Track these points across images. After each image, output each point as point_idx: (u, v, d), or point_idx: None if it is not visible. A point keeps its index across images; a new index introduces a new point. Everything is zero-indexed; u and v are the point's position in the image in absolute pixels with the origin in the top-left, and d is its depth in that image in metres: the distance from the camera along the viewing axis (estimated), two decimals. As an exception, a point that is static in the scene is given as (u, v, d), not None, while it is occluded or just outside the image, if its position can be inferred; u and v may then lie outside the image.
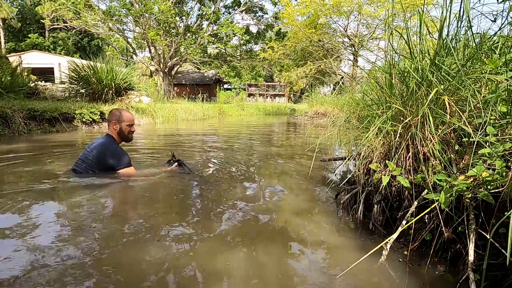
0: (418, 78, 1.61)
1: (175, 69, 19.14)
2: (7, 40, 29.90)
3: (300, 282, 1.27)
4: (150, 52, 17.79)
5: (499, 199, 1.16)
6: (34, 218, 1.79)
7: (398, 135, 1.62)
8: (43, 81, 10.27)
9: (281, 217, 1.94)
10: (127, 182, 2.55)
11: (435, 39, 1.66)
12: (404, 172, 1.59)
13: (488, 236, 1.17)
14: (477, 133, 1.26)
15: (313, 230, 1.78)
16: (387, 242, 1.40)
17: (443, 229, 1.37)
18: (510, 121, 1.25)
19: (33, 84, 8.39)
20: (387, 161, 1.65)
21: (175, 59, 17.87)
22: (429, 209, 1.32)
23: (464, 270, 1.24)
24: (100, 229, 1.67)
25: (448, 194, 1.23)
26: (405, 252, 1.49)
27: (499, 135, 1.27)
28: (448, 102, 1.41)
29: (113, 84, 8.12)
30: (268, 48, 18.02)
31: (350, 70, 18.13)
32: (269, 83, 30.57)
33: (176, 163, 2.90)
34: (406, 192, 1.61)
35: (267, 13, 19.77)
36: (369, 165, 1.78)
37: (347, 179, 2.40)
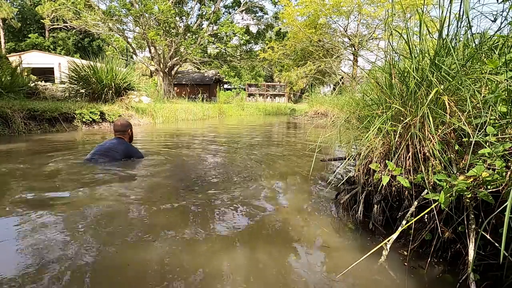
0: (418, 78, 1.61)
1: (175, 69, 19.14)
2: (7, 40, 29.89)
3: (300, 282, 1.27)
4: (150, 52, 17.79)
5: (499, 199, 1.16)
6: (34, 217, 1.79)
7: (398, 135, 1.62)
8: (43, 81, 10.26)
9: (281, 217, 1.94)
10: (129, 181, 2.56)
11: (435, 39, 1.66)
12: (404, 172, 1.59)
13: (486, 235, 1.17)
14: (477, 133, 1.26)
15: (313, 230, 1.78)
16: (387, 242, 1.40)
17: (442, 229, 1.37)
18: (510, 121, 1.25)
19: (33, 84, 8.39)
20: (387, 161, 1.65)
21: (175, 59, 17.87)
22: (429, 209, 1.32)
23: (464, 270, 1.24)
24: (99, 229, 1.67)
25: (448, 194, 1.23)
26: (405, 252, 1.49)
27: (499, 135, 1.27)
28: (448, 102, 1.41)
29: (113, 84, 8.12)
30: (268, 48, 18.01)
31: (350, 70, 18.14)
32: (269, 83, 30.54)
33: None
34: (406, 192, 1.61)
35: (267, 13, 19.78)
36: (369, 165, 1.78)
37: (347, 179, 2.40)
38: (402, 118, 1.66)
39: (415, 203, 1.47)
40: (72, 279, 1.22)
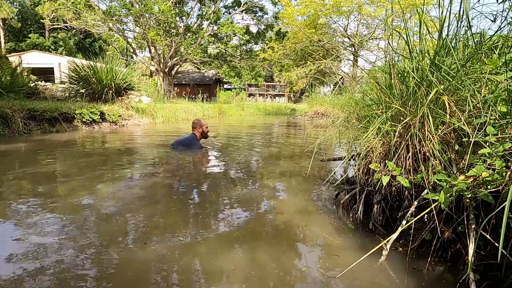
0: (418, 78, 1.61)
1: (175, 69, 19.12)
2: (7, 40, 29.86)
3: (300, 282, 1.27)
4: (150, 52, 17.78)
5: (499, 199, 1.16)
6: (35, 216, 1.79)
7: (398, 135, 1.62)
8: (43, 81, 10.25)
9: (281, 217, 1.94)
10: (128, 180, 2.56)
11: (435, 39, 1.66)
12: (404, 172, 1.59)
13: (486, 235, 1.17)
14: (476, 134, 1.26)
15: (313, 230, 1.78)
16: (387, 242, 1.40)
17: (442, 229, 1.37)
18: (510, 121, 1.25)
19: (33, 84, 8.37)
20: (387, 161, 1.65)
21: (175, 59, 17.86)
22: (429, 209, 1.32)
23: (464, 270, 1.24)
24: (99, 230, 1.67)
25: (448, 194, 1.23)
26: (405, 252, 1.49)
27: (499, 135, 1.27)
28: (448, 102, 1.41)
29: (113, 84, 8.10)
30: (268, 48, 18.01)
31: (350, 70, 18.14)
32: (269, 83, 30.49)
33: None
34: (406, 192, 1.61)
35: (267, 13, 19.75)
36: (369, 165, 1.78)
37: (346, 179, 2.40)
38: (402, 118, 1.66)
39: (415, 203, 1.47)
40: (71, 278, 1.22)
